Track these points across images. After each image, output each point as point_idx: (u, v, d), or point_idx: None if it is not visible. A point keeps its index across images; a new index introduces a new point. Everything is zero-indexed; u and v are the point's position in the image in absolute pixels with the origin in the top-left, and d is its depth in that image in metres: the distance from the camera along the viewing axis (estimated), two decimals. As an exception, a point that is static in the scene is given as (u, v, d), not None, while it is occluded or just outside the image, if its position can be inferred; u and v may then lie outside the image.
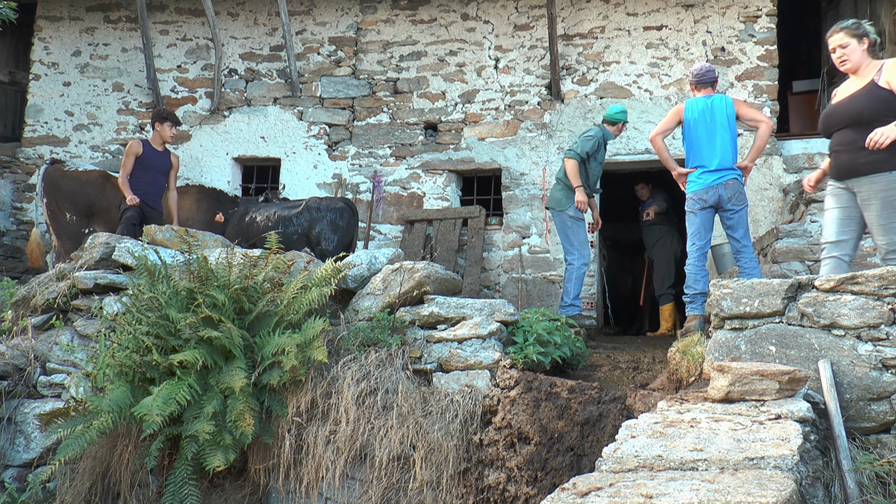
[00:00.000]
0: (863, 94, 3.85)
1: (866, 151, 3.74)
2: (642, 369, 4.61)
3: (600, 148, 5.83)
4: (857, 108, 3.84)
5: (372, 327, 4.36)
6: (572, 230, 5.77)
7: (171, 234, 5.32)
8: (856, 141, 3.81)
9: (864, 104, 3.82)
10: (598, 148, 5.81)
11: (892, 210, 3.74)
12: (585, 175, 5.78)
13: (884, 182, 3.74)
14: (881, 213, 3.74)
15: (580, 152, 5.71)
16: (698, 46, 7.03)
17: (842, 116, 3.91)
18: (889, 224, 3.73)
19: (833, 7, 7.58)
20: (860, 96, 3.86)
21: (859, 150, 3.79)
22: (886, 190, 3.74)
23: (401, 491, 3.89)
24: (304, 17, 7.89)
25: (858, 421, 2.92)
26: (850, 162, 3.84)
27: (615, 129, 5.90)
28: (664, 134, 4.89)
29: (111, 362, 4.12)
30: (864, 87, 3.86)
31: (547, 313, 4.51)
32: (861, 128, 3.80)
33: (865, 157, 3.77)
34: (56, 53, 8.18)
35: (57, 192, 6.90)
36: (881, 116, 3.76)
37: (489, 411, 3.98)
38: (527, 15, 7.43)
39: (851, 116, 3.86)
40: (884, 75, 3.81)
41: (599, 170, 5.93)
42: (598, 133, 5.81)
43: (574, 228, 5.77)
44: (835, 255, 3.89)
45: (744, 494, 1.82)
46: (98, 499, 4.22)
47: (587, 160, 5.77)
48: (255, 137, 7.78)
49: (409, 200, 7.44)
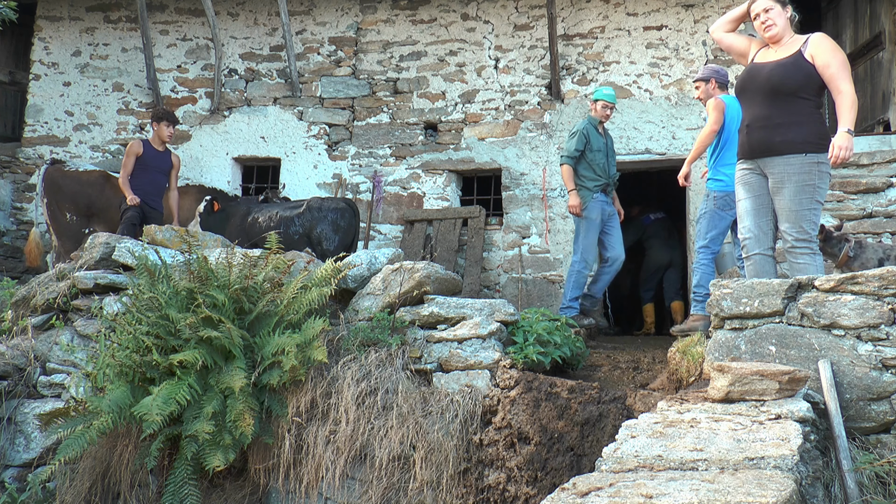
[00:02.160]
0: (788, 64, 3.60)
1: (781, 129, 3.53)
2: (642, 369, 4.61)
3: (589, 139, 5.72)
4: (780, 78, 3.59)
5: (372, 327, 4.36)
6: (581, 232, 5.74)
7: (171, 234, 5.32)
8: (771, 117, 3.58)
9: (788, 74, 3.58)
10: (587, 140, 5.70)
11: (805, 196, 3.51)
12: (591, 170, 5.72)
13: (798, 164, 3.52)
14: (793, 199, 3.52)
15: (569, 154, 5.68)
16: (698, 46, 7.03)
17: (763, 83, 3.64)
18: (800, 211, 3.51)
19: (833, 7, 7.57)
20: (786, 65, 3.60)
21: (775, 128, 3.56)
22: (801, 173, 3.51)
23: (401, 491, 3.89)
24: (304, 17, 7.89)
25: (858, 421, 2.92)
26: (765, 140, 3.60)
27: (596, 111, 5.78)
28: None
29: (111, 362, 4.13)
30: (790, 57, 3.61)
31: (547, 313, 4.52)
32: (778, 101, 3.58)
33: (781, 135, 3.55)
34: (56, 53, 8.18)
35: (57, 192, 6.90)
36: (802, 91, 3.56)
37: (489, 411, 3.98)
38: (527, 15, 7.43)
39: (773, 85, 3.60)
40: (809, 47, 3.58)
41: (604, 157, 5.79)
42: (580, 126, 5.75)
43: (584, 230, 5.73)
44: (758, 253, 3.69)
45: (744, 494, 1.82)
46: (98, 499, 4.22)
47: (583, 156, 5.72)
48: (255, 137, 7.78)
49: (409, 200, 7.44)
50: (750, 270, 3.75)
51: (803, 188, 3.52)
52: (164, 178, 6.49)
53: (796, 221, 3.54)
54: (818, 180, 3.56)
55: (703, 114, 6.86)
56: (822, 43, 3.60)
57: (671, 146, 6.92)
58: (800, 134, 3.54)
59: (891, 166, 5.88)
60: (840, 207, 5.93)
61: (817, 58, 3.56)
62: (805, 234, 3.54)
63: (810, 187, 3.54)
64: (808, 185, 3.53)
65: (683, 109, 6.94)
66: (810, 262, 3.55)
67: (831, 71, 3.54)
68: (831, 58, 3.55)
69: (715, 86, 5.09)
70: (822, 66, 3.56)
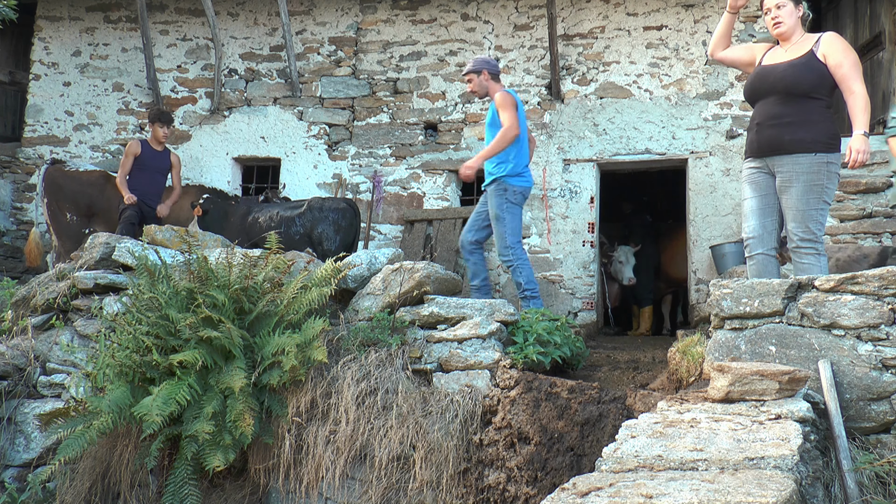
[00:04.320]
0: (801, 64, 3.58)
1: (792, 128, 3.52)
2: (642, 369, 4.61)
3: None
4: (793, 78, 3.58)
5: (372, 327, 4.36)
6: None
7: (171, 234, 5.32)
8: (783, 115, 3.56)
9: (801, 75, 3.57)
10: None
11: (813, 195, 3.50)
12: None
13: (807, 163, 3.50)
14: (801, 198, 3.50)
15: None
16: (698, 46, 7.03)
17: (775, 82, 3.63)
18: (807, 210, 3.49)
19: (833, 7, 7.57)
20: (798, 65, 3.59)
21: (786, 126, 3.55)
22: (810, 172, 3.49)
23: (401, 491, 3.89)
24: (304, 17, 7.89)
25: (858, 421, 2.91)
26: (775, 138, 3.58)
27: None
28: None
29: (111, 362, 4.12)
30: (802, 57, 3.60)
31: (547, 313, 4.51)
32: (791, 100, 3.56)
33: (791, 133, 3.54)
34: (56, 53, 8.18)
35: (58, 193, 6.90)
36: (814, 91, 3.55)
37: (489, 411, 3.97)
38: (527, 15, 7.42)
39: (786, 85, 3.59)
40: (822, 47, 3.57)
41: None
42: None
43: None
44: (761, 252, 3.68)
45: (744, 494, 1.82)
46: (98, 499, 4.22)
47: None
48: (255, 137, 7.78)
49: (409, 200, 7.44)
50: (752, 270, 3.75)
51: (811, 188, 3.51)
52: (163, 177, 6.49)
53: (803, 221, 3.52)
54: (826, 180, 3.54)
55: (703, 113, 6.87)
56: (834, 42, 3.58)
57: (671, 146, 6.92)
58: (810, 133, 3.52)
59: (891, 166, 5.88)
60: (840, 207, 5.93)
61: (829, 57, 3.54)
62: (811, 235, 3.53)
63: (818, 187, 3.52)
64: (816, 185, 3.51)
65: (683, 109, 6.94)
66: (815, 263, 3.54)
67: (843, 71, 3.53)
68: (843, 57, 3.54)
69: (488, 77, 5.07)
70: (834, 65, 3.54)
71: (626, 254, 7.53)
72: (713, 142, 6.79)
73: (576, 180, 7.07)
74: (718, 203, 6.69)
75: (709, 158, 6.80)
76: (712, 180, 6.74)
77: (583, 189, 7.05)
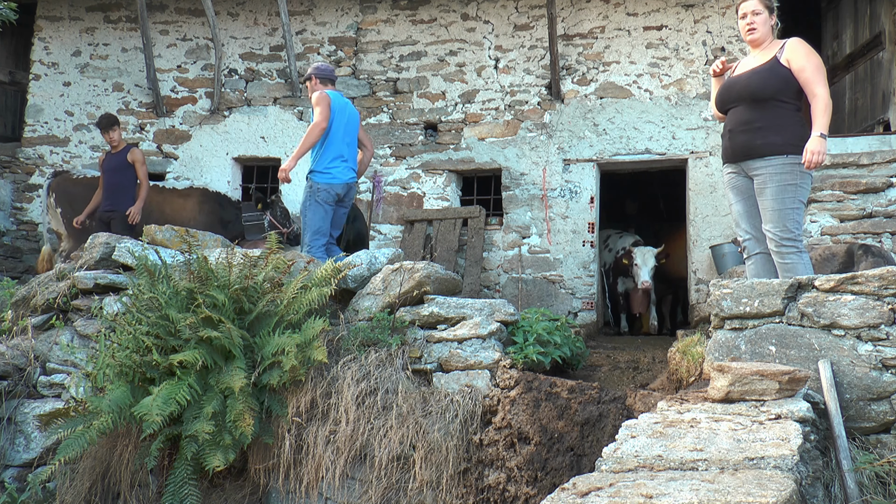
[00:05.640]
0: (765, 70, 3.71)
1: (762, 132, 3.63)
2: (642, 369, 4.62)
3: None
4: (758, 84, 3.70)
5: (372, 327, 4.36)
6: None
7: (171, 234, 5.32)
8: (752, 121, 3.68)
9: (765, 80, 3.69)
10: None
11: (788, 195, 3.60)
12: None
13: (780, 165, 3.61)
14: (775, 198, 3.60)
15: None
16: (698, 46, 7.03)
17: (741, 91, 3.77)
18: (783, 210, 3.59)
19: (833, 7, 7.57)
20: (762, 72, 3.72)
21: (756, 131, 3.66)
22: (783, 173, 3.61)
23: (401, 491, 3.89)
24: (304, 17, 7.89)
25: (858, 421, 2.92)
26: (747, 143, 3.71)
27: None
28: None
29: (111, 362, 4.12)
30: (766, 63, 3.73)
31: (547, 313, 4.51)
32: (759, 106, 3.67)
33: (762, 138, 3.65)
34: (56, 53, 8.18)
35: (71, 201, 7.00)
36: (780, 95, 3.65)
37: (489, 411, 3.98)
38: (527, 15, 7.43)
39: (751, 92, 3.72)
40: (785, 52, 3.68)
41: None
42: None
43: None
44: (759, 253, 3.77)
45: (744, 494, 1.82)
46: (98, 499, 4.22)
47: None
48: (255, 137, 7.78)
49: (409, 200, 7.44)
50: (751, 270, 3.82)
51: (785, 188, 3.61)
52: (116, 175, 6.63)
53: (780, 221, 3.61)
54: (800, 180, 3.65)
55: (702, 113, 6.88)
56: (797, 47, 3.70)
57: (671, 146, 6.92)
58: (781, 136, 3.63)
59: (891, 166, 5.87)
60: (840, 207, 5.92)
61: (792, 62, 3.66)
62: (789, 234, 3.61)
63: (792, 187, 3.62)
64: (790, 185, 3.61)
65: (683, 109, 6.94)
66: (798, 261, 3.61)
67: (806, 75, 3.64)
68: (806, 62, 3.65)
69: (317, 82, 5.43)
70: (797, 69, 3.66)
71: (644, 255, 7.07)
72: (713, 142, 6.79)
73: (576, 180, 7.08)
74: (718, 203, 6.69)
75: (709, 158, 6.80)
76: (712, 180, 6.75)
77: (583, 189, 7.05)
